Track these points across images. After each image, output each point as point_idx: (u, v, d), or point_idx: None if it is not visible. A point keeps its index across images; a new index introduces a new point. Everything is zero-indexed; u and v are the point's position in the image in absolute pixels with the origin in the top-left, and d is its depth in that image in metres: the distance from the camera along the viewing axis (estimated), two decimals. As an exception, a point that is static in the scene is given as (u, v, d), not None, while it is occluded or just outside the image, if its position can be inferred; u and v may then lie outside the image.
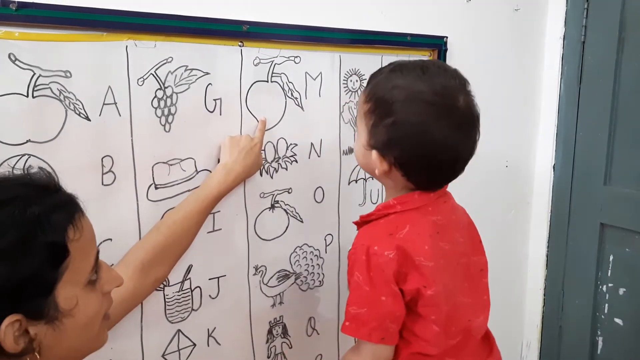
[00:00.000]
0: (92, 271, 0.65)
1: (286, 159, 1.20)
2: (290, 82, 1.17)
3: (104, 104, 0.94)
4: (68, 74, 0.90)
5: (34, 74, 0.86)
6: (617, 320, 1.63)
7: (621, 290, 1.62)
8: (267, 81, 1.14)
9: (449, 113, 0.84)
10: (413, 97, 0.84)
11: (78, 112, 0.91)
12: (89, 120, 0.93)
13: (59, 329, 0.61)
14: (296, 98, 1.19)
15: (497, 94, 1.63)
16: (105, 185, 0.96)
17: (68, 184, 0.90)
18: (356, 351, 0.93)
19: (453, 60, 1.46)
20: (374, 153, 0.88)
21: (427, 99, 0.83)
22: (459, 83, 0.87)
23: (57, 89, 0.89)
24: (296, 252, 1.25)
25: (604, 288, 1.66)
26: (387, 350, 0.91)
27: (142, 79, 0.98)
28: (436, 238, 0.89)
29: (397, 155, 0.87)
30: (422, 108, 0.83)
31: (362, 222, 0.96)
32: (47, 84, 0.88)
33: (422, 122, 0.83)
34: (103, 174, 0.96)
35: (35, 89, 0.87)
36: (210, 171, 1.09)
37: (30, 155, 0.87)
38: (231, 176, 1.07)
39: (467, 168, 1.56)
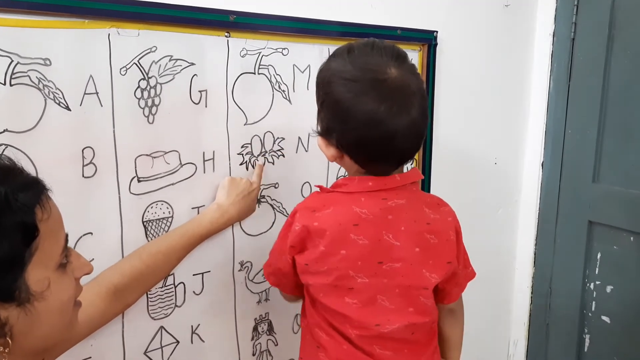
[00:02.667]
0: (63, 253, 0.63)
1: (273, 153, 1.18)
2: (277, 75, 1.15)
3: (85, 93, 0.91)
4: (47, 62, 0.87)
5: (12, 61, 0.83)
6: (604, 318, 1.63)
7: (608, 288, 1.61)
8: (254, 73, 1.12)
9: (373, 87, 0.82)
10: (335, 77, 0.85)
11: (58, 102, 0.89)
12: (69, 110, 0.90)
13: (31, 313, 0.59)
14: (284, 91, 1.17)
15: (486, 90, 1.62)
16: (85, 177, 0.93)
17: (47, 176, 0.88)
18: None
19: (443, 55, 1.45)
20: (320, 140, 0.90)
21: (348, 77, 0.84)
22: (389, 58, 0.84)
23: (36, 77, 0.86)
24: (283, 248, 1.23)
25: (592, 286, 1.66)
26: (285, 296, 1.07)
27: (124, 69, 0.95)
28: (348, 228, 0.88)
29: (337, 139, 0.87)
30: (343, 86, 0.84)
31: (319, 189, 0.98)
32: (26, 72, 0.85)
33: (344, 99, 0.83)
34: (84, 165, 0.93)
35: (12, 76, 0.84)
36: (195, 165, 1.06)
37: (7, 145, 0.85)
38: (224, 218, 1.08)
39: (455, 165, 1.57)
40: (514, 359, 1.89)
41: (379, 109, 0.81)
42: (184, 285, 1.09)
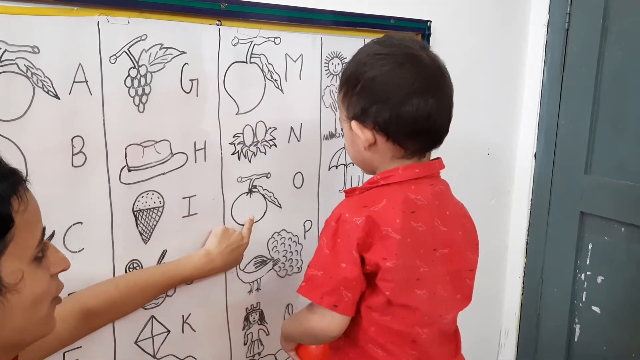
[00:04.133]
0: (38, 247, 0.62)
1: (265, 143, 1.17)
2: (269, 64, 1.14)
3: (74, 81, 0.90)
4: (36, 50, 0.86)
5: (-1, 48, 0.82)
6: (595, 308, 1.64)
7: (599, 279, 1.62)
8: (246, 62, 1.11)
9: (408, 60, 0.86)
10: (372, 57, 0.87)
11: (47, 90, 0.88)
12: (58, 98, 0.89)
13: (4, 305, 0.58)
14: (276, 80, 1.16)
15: (480, 81, 1.62)
16: (75, 166, 0.93)
17: (36, 165, 0.88)
18: (309, 312, 0.93)
19: (436, 45, 1.44)
20: (354, 124, 0.89)
21: (383, 52, 0.87)
22: (418, 44, 0.90)
23: (24, 65, 0.85)
24: (274, 237, 1.23)
25: (582, 276, 1.67)
26: (339, 319, 0.88)
27: (114, 57, 0.94)
28: (409, 216, 0.87)
29: (374, 118, 0.87)
30: (380, 62, 0.86)
31: (347, 194, 0.96)
32: (14, 60, 0.84)
33: (383, 73, 0.86)
34: (73, 154, 0.92)
35: (0, 64, 0.83)
36: (186, 154, 1.06)
37: (-5, 134, 0.84)
38: (210, 266, 1.07)
39: (449, 154, 1.56)
40: (505, 348, 1.91)
41: (415, 80, 0.85)
42: (175, 275, 1.09)
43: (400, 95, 0.84)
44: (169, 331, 1.10)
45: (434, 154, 0.96)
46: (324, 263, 0.88)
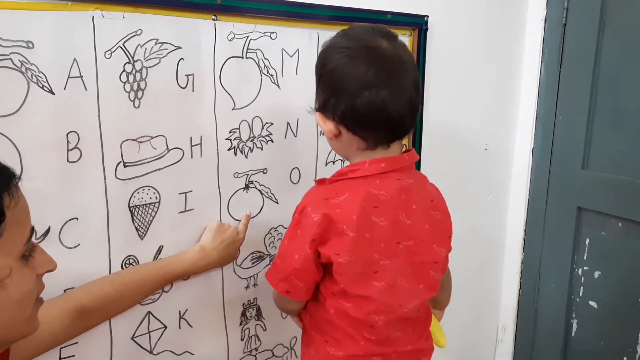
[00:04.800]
0: (27, 244, 0.62)
1: (261, 139, 1.17)
2: (266, 59, 1.14)
3: (69, 77, 0.90)
4: (30, 45, 0.85)
5: (-7, 43, 0.82)
6: (592, 303, 1.65)
7: (596, 274, 1.63)
8: (242, 57, 1.11)
9: (365, 52, 0.86)
10: (330, 49, 0.90)
11: (41, 85, 0.87)
12: (53, 93, 0.89)
13: None
14: (272, 75, 1.16)
15: (477, 76, 1.62)
16: (70, 162, 0.92)
17: (31, 160, 0.88)
18: (274, 293, 1.01)
19: (433, 40, 1.44)
20: (317, 116, 0.92)
21: (341, 46, 0.89)
22: (380, 33, 0.89)
23: (19, 60, 0.85)
24: (271, 233, 1.23)
25: (580, 271, 1.67)
26: (293, 303, 0.98)
27: (109, 52, 0.93)
28: (370, 211, 0.89)
29: (333, 110, 0.89)
30: (337, 55, 0.88)
31: (318, 183, 0.97)
32: (7, 55, 0.83)
33: (338, 65, 0.87)
34: (68, 150, 0.92)
35: (-6, 59, 0.83)
36: (182, 150, 1.05)
37: (-11, 129, 0.84)
38: (205, 261, 1.07)
39: (446, 150, 1.57)
40: (502, 344, 1.91)
41: (367, 72, 0.85)
42: (172, 270, 1.09)
43: (354, 88, 0.86)
44: (165, 327, 1.10)
45: (430, 145, 0.96)
46: (283, 251, 0.95)
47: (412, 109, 0.89)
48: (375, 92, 0.85)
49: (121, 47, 0.95)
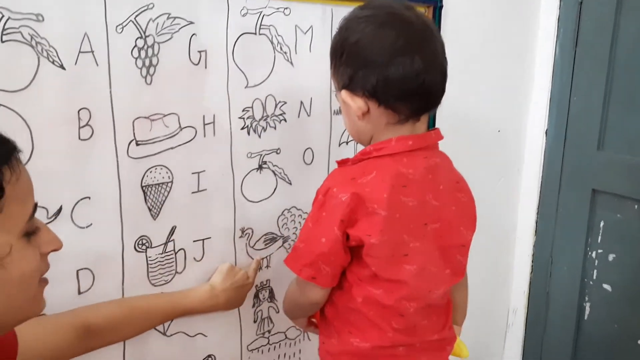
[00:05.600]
0: (29, 222, 0.59)
1: (275, 118, 1.15)
2: (279, 35, 1.11)
3: (79, 51, 0.87)
4: (40, 18, 0.83)
5: (2, 16, 0.79)
6: (606, 286, 1.63)
7: (611, 257, 1.60)
8: (255, 33, 1.08)
9: (392, 19, 0.82)
10: (352, 21, 0.85)
11: (52, 60, 0.85)
12: (64, 69, 0.86)
13: None
14: (285, 52, 1.13)
15: (491, 55, 1.58)
16: (82, 140, 0.90)
17: (42, 138, 0.86)
18: (293, 284, 0.97)
19: (448, 18, 1.40)
20: (344, 93, 0.86)
21: (364, 15, 0.84)
22: (403, 4, 0.86)
23: (29, 33, 0.82)
24: (284, 214, 1.21)
25: (594, 254, 1.65)
26: (318, 291, 0.91)
27: (121, 26, 0.91)
28: (399, 190, 0.85)
29: (362, 84, 0.83)
30: (361, 25, 0.83)
31: (340, 165, 0.94)
32: (17, 28, 0.81)
33: (363, 36, 0.82)
34: (80, 127, 0.90)
35: (4, 32, 0.80)
36: (195, 128, 1.03)
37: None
38: (212, 302, 1.07)
39: (458, 132, 1.54)
40: (513, 327, 1.89)
41: (398, 38, 0.81)
42: (184, 251, 1.07)
43: (385, 57, 0.81)
44: (178, 309, 1.09)
45: (441, 127, 0.93)
46: (307, 235, 0.89)
47: (444, 77, 0.86)
48: (409, 58, 0.81)
49: (133, 22, 0.92)
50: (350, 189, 0.83)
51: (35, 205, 0.61)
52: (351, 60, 0.84)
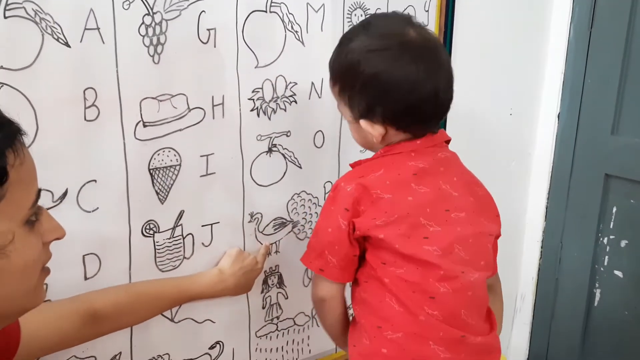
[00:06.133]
0: (32, 209, 0.56)
1: (285, 99, 1.11)
2: (290, 14, 1.07)
3: (85, 28, 0.84)
4: (44, -7, 0.79)
5: (5, -10, 0.76)
6: (617, 272, 1.61)
7: (623, 243, 1.58)
8: (266, 11, 1.04)
9: (403, 50, 0.84)
10: (366, 52, 0.85)
11: (56, 37, 0.81)
12: (69, 46, 0.83)
13: None
14: (297, 32, 1.09)
15: (503, 38, 1.54)
16: (88, 120, 0.87)
17: (47, 118, 0.83)
18: (313, 283, 0.98)
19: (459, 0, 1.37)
20: (363, 123, 0.88)
21: (376, 47, 0.84)
22: (402, 20, 0.88)
23: (32, 9, 0.79)
24: (294, 199, 1.18)
25: (605, 240, 1.62)
26: (329, 285, 0.92)
27: (127, 2, 0.87)
28: (409, 178, 0.86)
29: (381, 114, 0.86)
30: (376, 57, 0.84)
31: (353, 167, 0.95)
32: (21, 3, 0.78)
33: (381, 70, 0.84)
34: (85, 107, 0.87)
35: (6, 8, 0.77)
36: (203, 110, 1.00)
37: (2, 84, 0.78)
38: (220, 286, 1.04)
39: (470, 116, 1.51)
40: (521, 313, 1.88)
41: (418, 69, 0.83)
42: (193, 236, 1.05)
43: (406, 89, 0.83)
44: (186, 294, 1.07)
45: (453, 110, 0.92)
46: (317, 229, 0.92)
47: (452, 85, 0.89)
48: (429, 84, 0.84)
49: (140, -3, 0.88)
50: (356, 181, 0.86)
51: (39, 192, 0.58)
52: (369, 92, 0.85)
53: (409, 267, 0.85)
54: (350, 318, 0.98)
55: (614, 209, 1.59)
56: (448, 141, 0.95)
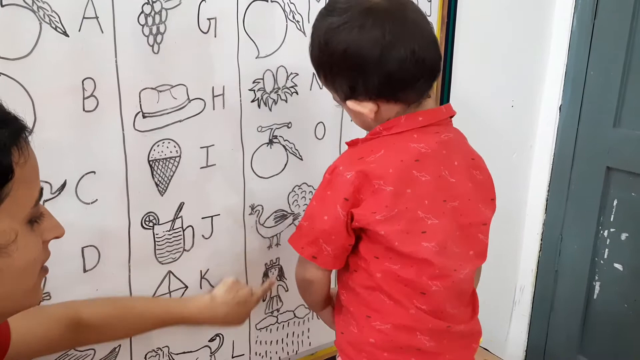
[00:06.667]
0: (34, 208, 0.55)
1: (286, 90, 1.10)
2: (292, 3, 1.06)
3: (83, 17, 0.82)
4: (41, -20, 0.77)
5: (1, -23, 0.74)
6: (617, 265, 1.60)
7: (623, 236, 1.58)
8: (267, 1, 1.03)
9: (368, 15, 0.79)
10: (331, 31, 0.81)
11: (54, 26, 0.80)
12: (67, 35, 0.81)
13: None
14: (298, 22, 1.08)
15: (506, 29, 1.53)
16: (86, 111, 0.86)
17: (45, 109, 0.81)
18: (298, 263, 0.94)
19: (464, -13, 1.35)
20: (350, 103, 0.84)
21: (341, 22, 0.80)
22: None
23: (30, -3, 0.77)
24: (295, 191, 1.17)
25: (605, 233, 1.62)
26: (319, 272, 0.90)
27: (127, -10, 0.86)
28: (411, 165, 0.82)
29: (364, 89, 0.82)
30: (341, 33, 0.80)
31: (350, 146, 0.91)
32: (17, -9, 0.76)
33: (351, 41, 0.79)
34: (84, 98, 0.85)
35: (3, -5, 0.75)
36: (204, 100, 0.98)
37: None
38: (209, 314, 0.99)
39: (471, 107, 1.49)
40: (520, 305, 1.88)
41: (384, 33, 0.78)
42: (193, 229, 1.04)
43: (379, 56, 0.79)
44: (186, 287, 1.06)
45: (455, 101, 0.90)
46: (311, 213, 0.87)
47: (436, 44, 0.83)
48: (401, 46, 0.79)
49: (139, -15, 0.87)
50: (357, 167, 0.82)
51: (41, 190, 0.57)
52: (345, 71, 0.82)
53: (404, 264, 0.84)
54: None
55: (615, 202, 1.58)
56: (452, 116, 0.91)
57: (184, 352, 1.09)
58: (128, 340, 1.01)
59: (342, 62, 0.81)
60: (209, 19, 0.96)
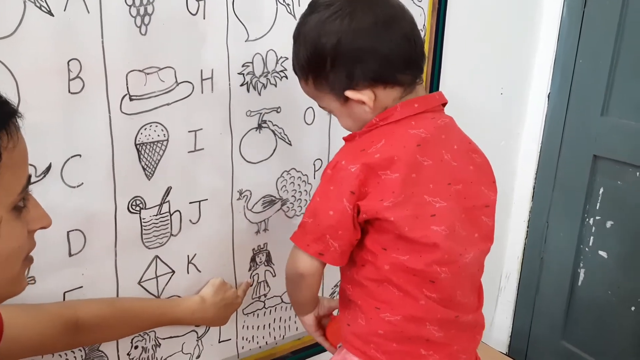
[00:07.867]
0: (21, 194, 0.54)
1: (275, 74, 1.09)
2: (282, -14, 1.04)
3: (69, -4, 0.80)
4: (25, -43, 0.75)
5: (-17, -46, 0.72)
6: (602, 252, 1.62)
7: (609, 224, 1.59)
8: (257, -18, 1.01)
9: (352, 6, 0.81)
10: (321, 26, 0.82)
11: (39, 5, 0.78)
12: (52, 15, 0.79)
13: None
14: (288, 4, 1.06)
15: (495, 14, 1.52)
16: (72, 93, 0.84)
17: (29, 90, 0.80)
18: (292, 257, 0.91)
19: (456, -27, 1.34)
20: (350, 93, 0.84)
21: (329, 15, 0.81)
22: None
23: (12, -26, 0.75)
24: (283, 176, 1.16)
25: (591, 221, 1.63)
26: (312, 262, 0.88)
27: (114, -30, 0.84)
28: (413, 150, 0.82)
29: (363, 75, 0.83)
30: (332, 25, 0.81)
31: (347, 141, 0.90)
32: (0, -32, 0.74)
33: (343, 31, 0.80)
34: (70, 79, 0.84)
35: (-15, -27, 0.73)
36: (192, 84, 0.97)
37: (-18, 53, 0.75)
38: (201, 314, 1.04)
39: (460, 95, 1.49)
40: (505, 291, 1.90)
41: (376, 16, 0.81)
42: (180, 213, 1.03)
43: (374, 41, 0.81)
44: (173, 272, 1.05)
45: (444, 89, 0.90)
46: (314, 210, 0.86)
47: (417, 26, 0.86)
48: (395, 26, 0.82)
49: (126, -35, 0.85)
50: (360, 159, 0.81)
51: (29, 177, 0.56)
52: (341, 62, 0.82)
53: (413, 252, 0.83)
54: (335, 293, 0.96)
55: (601, 190, 1.60)
56: (444, 104, 0.91)
57: (170, 337, 1.09)
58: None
59: (336, 54, 0.81)
60: (197, 1, 0.94)
